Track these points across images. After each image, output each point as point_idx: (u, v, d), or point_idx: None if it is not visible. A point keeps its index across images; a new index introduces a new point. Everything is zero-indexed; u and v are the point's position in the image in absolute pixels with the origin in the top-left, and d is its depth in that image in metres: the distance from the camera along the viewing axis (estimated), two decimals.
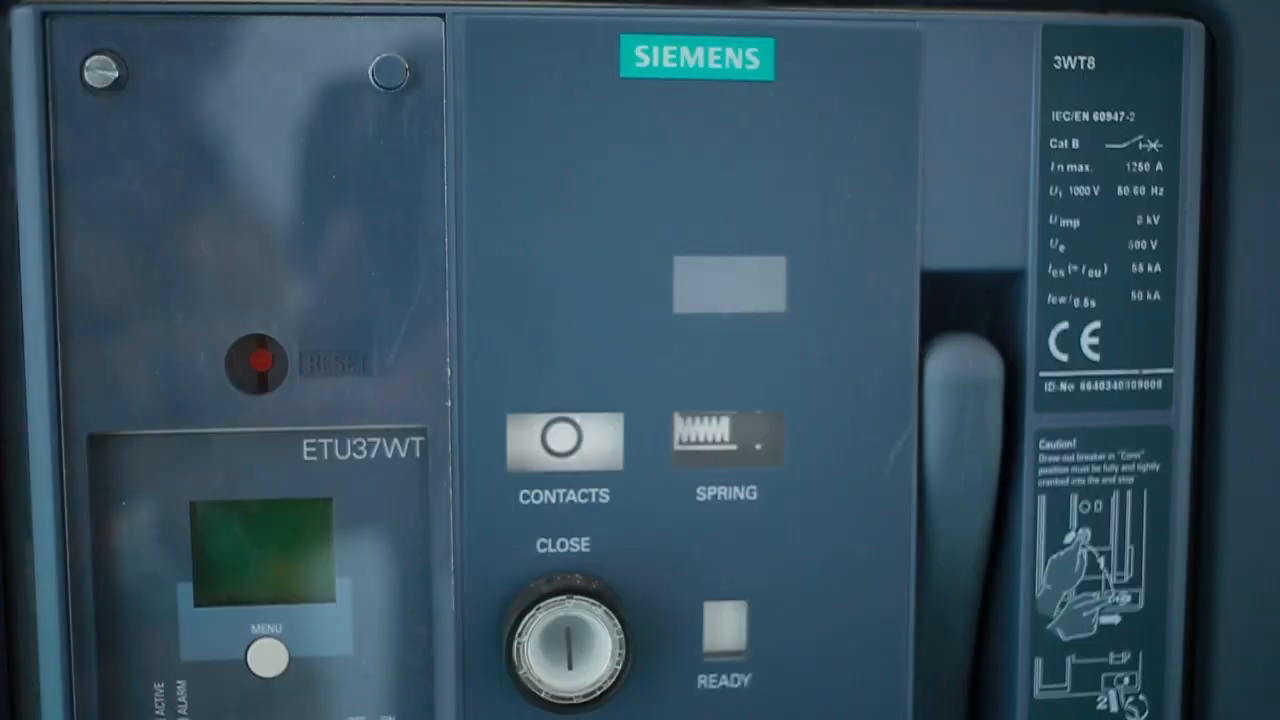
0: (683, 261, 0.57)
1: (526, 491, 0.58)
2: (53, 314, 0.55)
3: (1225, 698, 0.62)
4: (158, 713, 0.59)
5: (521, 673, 0.56)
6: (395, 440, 0.58)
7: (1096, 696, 0.62)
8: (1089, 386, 0.60)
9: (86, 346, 0.56)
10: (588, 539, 0.58)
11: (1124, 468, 0.61)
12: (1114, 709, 0.62)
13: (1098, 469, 0.60)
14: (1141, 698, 0.62)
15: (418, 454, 0.58)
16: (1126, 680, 0.62)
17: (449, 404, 0.57)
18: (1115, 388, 0.60)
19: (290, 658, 0.59)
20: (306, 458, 0.58)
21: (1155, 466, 0.61)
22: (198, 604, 0.59)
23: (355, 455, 0.58)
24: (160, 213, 0.55)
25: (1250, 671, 0.62)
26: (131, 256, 0.55)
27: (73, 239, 0.55)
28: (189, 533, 0.58)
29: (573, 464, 0.58)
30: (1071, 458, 0.60)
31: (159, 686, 0.59)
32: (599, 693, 0.57)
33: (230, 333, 0.56)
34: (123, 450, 0.57)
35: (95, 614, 0.58)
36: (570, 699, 0.57)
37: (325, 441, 0.58)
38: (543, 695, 0.56)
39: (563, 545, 0.58)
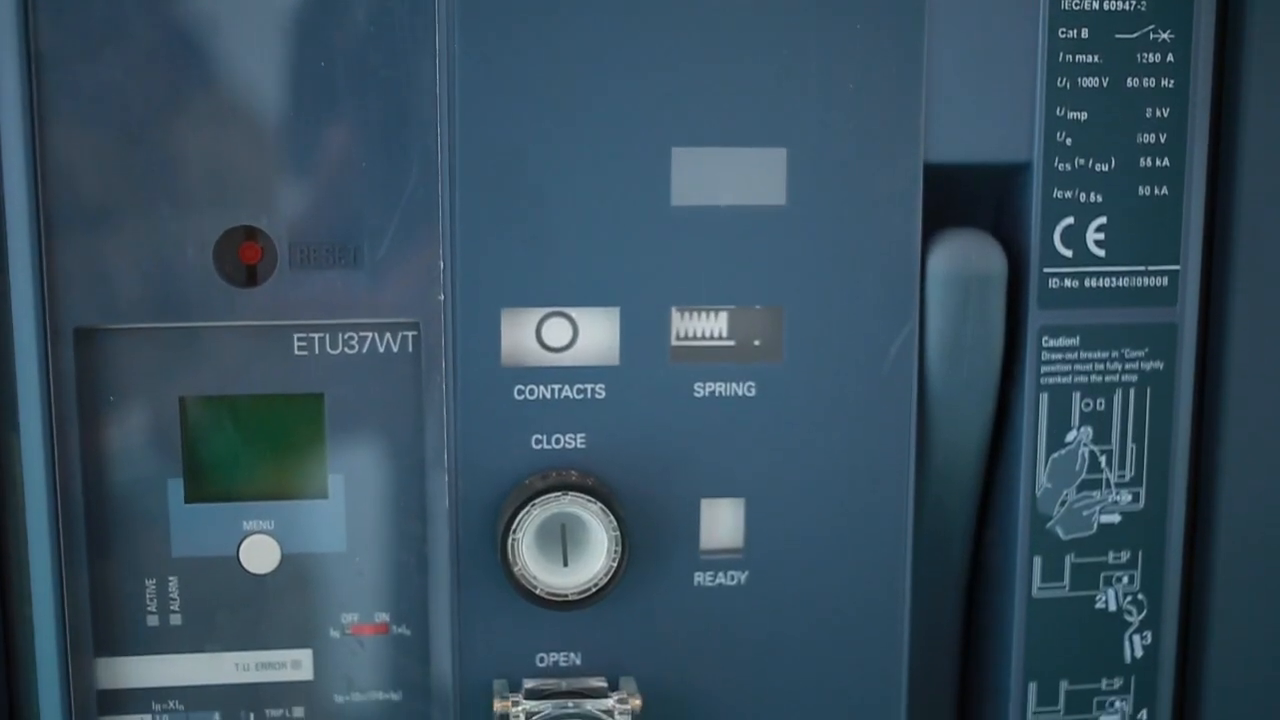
0: (681, 153, 0.56)
1: (521, 387, 0.57)
2: (36, 206, 0.54)
3: (1224, 597, 0.62)
4: (149, 609, 0.59)
5: (516, 569, 0.56)
6: (387, 335, 0.57)
7: (1095, 596, 0.61)
8: (1093, 283, 0.59)
9: (71, 239, 0.54)
10: (583, 435, 0.57)
11: (1127, 366, 0.60)
12: (1112, 608, 0.61)
13: (1101, 367, 0.60)
14: (1140, 597, 0.61)
15: (410, 349, 0.57)
16: (1125, 579, 0.61)
17: (442, 298, 0.56)
18: (1120, 284, 0.59)
19: (282, 554, 0.59)
20: (297, 352, 0.57)
21: (1159, 365, 0.60)
22: (188, 500, 0.58)
23: (347, 350, 0.57)
24: (145, 101, 0.54)
25: (1249, 572, 0.62)
26: (116, 146, 0.54)
27: (55, 128, 0.54)
28: (178, 429, 0.57)
29: (568, 359, 0.57)
30: (1074, 355, 0.59)
31: (150, 583, 0.59)
32: (594, 590, 0.56)
33: (218, 225, 0.55)
34: (110, 344, 0.56)
35: (85, 510, 0.57)
36: (565, 596, 0.56)
37: (316, 336, 0.57)
38: (538, 592, 0.56)
39: (558, 441, 0.57)
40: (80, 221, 0.54)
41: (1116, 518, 0.61)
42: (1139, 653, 0.62)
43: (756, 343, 0.58)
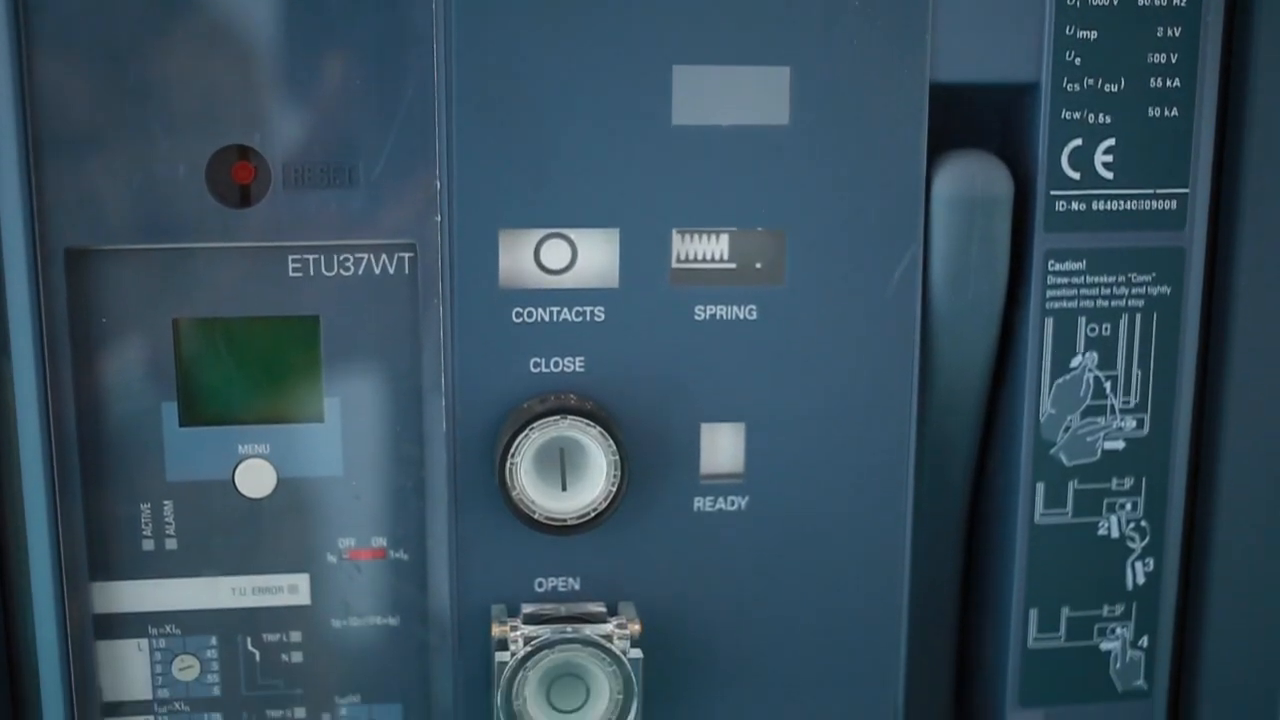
0: (682, 71, 0.55)
1: (519, 309, 0.56)
2: (24, 125, 0.53)
3: (1227, 524, 0.61)
4: (145, 533, 0.58)
5: (514, 494, 0.55)
6: (383, 256, 0.57)
7: (1098, 522, 0.61)
8: (1101, 206, 0.58)
9: (60, 159, 0.53)
10: (582, 358, 0.56)
11: (1134, 290, 0.59)
12: (1114, 535, 0.61)
13: (1107, 291, 0.59)
14: (1143, 524, 0.61)
15: (407, 271, 0.57)
16: (1128, 506, 0.61)
17: (439, 219, 0.55)
18: (1128, 208, 0.58)
19: (279, 478, 0.58)
20: (292, 274, 0.56)
21: (1166, 290, 0.59)
22: (183, 424, 0.57)
23: (342, 272, 0.57)
24: (133, 20, 0.52)
25: (1253, 498, 0.61)
26: (105, 65, 0.53)
27: (42, 48, 0.52)
28: (172, 351, 0.57)
29: (567, 281, 0.56)
30: (1080, 279, 0.58)
31: (145, 507, 0.58)
32: (593, 514, 0.56)
33: (210, 144, 0.54)
34: (102, 266, 0.55)
35: (78, 433, 0.56)
36: (564, 521, 0.56)
37: (311, 257, 0.56)
38: (536, 517, 0.55)
39: (557, 365, 0.56)
40: (69, 141, 0.53)
41: (1120, 444, 0.60)
42: (1141, 580, 0.62)
43: (758, 265, 0.57)
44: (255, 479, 0.58)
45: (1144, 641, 0.62)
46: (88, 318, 0.56)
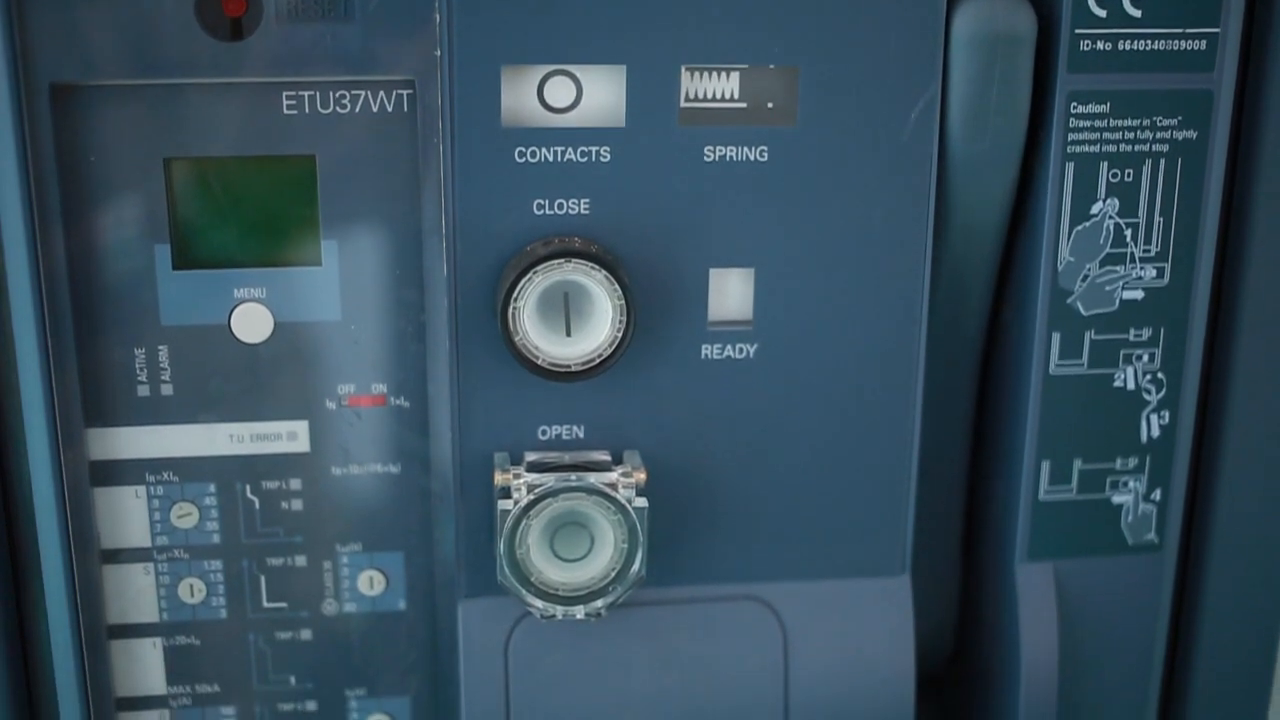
0: None
1: (522, 149, 0.54)
2: None
3: (1245, 376, 0.60)
4: (140, 379, 0.57)
5: (517, 339, 0.54)
6: (381, 94, 0.54)
7: (1114, 374, 0.59)
8: (1127, 46, 0.56)
9: None
10: (587, 200, 0.54)
11: (1159, 134, 0.57)
12: (1130, 386, 0.60)
13: (1131, 135, 0.57)
14: (1160, 376, 0.60)
15: (406, 108, 0.55)
16: (1145, 358, 0.59)
17: (438, 54, 0.53)
18: (1155, 48, 0.56)
19: (275, 323, 0.57)
20: (286, 111, 0.54)
21: (1192, 134, 0.57)
22: (176, 266, 0.56)
23: (339, 109, 0.55)
24: None
25: (1272, 349, 0.60)
26: None
27: None
28: (164, 192, 0.55)
29: (571, 120, 0.54)
30: (1104, 122, 0.56)
31: (139, 352, 0.57)
32: (598, 361, 0.54)
33: None
34: (89, 102, 0.53)
35: (69, 276, 0.55)
36: (568, 367, 0.54)
37: (306, 94, 0.54)
38: (539, 362, 0.54)
39: (561, 207, 0.54)
40: None
41: (1139, 294, 0.59)
42: (1155, 432, 0.61)
43: (770, 105, 0.55)
44: (251, 324, 0.57)
45: (1156, 495, 0.61)
46: (76, 157, 0.54)
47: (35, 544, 0.56)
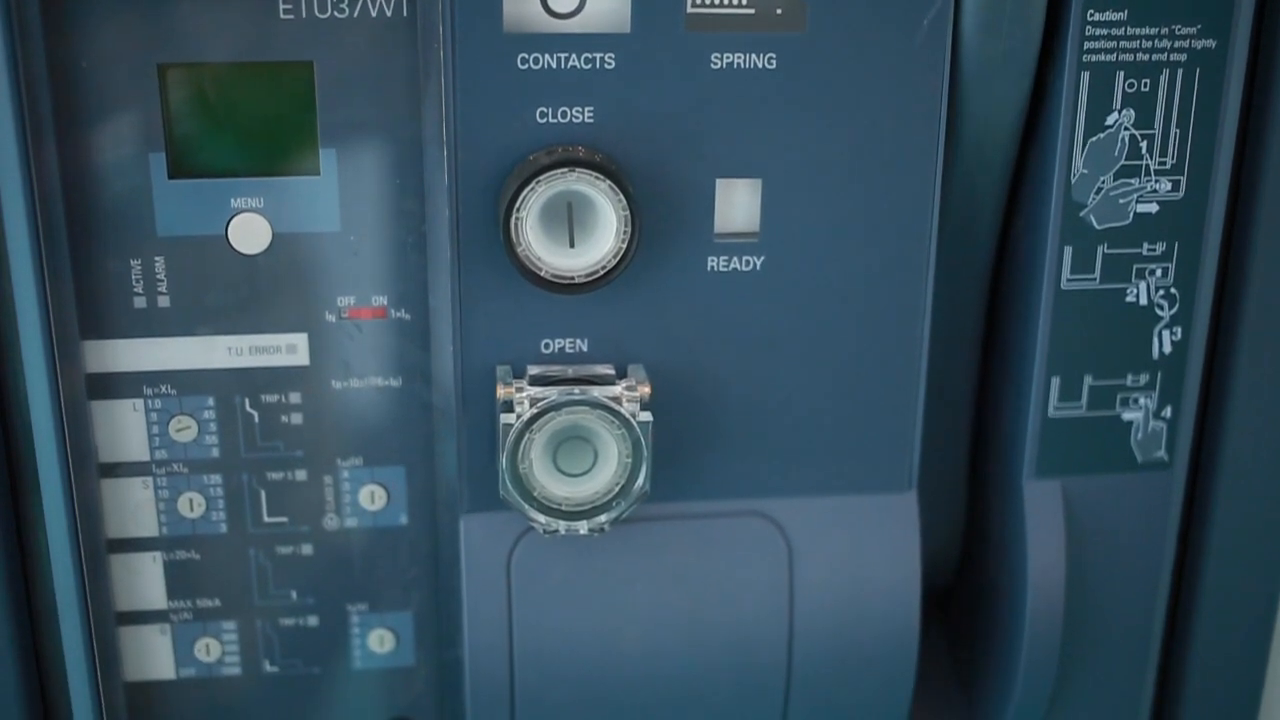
0: None
1: (525, 55, 0.52)
2: None
3: (1259, 292, 0.59)
4: (136, 291, 0.56)
5: (520, 250, 0.53)
6: None
7: (1126, 289, 0.58)
8: None
9: None
10: (591, 108, 0.53)
11: (1177, 44, 0.55)
12: (1143, 301, 0.59)
13: (1148, 44, 0.55)
14: (1173, 291, 0.59)
15: (405, 13, 0.53)
16: (1159, 272, 0.58)
17: None
18: None
19: (274, 233, 0.56)
20: (283, 16, 0.53)
21: (1211, 43, 0.56)
22: (172, 176, 0.55)
23: (336, 14, 0.53)
24: None
25: None
26: None
27: None
28: (158, 99, 0.54)
29: (575, 25, 0.52)
30: (1121, 30, 0.55)
31: (135, 263, 0.56)
32: (602, 272, 0.53)
33: None
34: (80, 8, 0.52)
35: (62, 185, 0.54)
36: (571, 278, 0.53)
37: None
38: (542, 274, 0.53)
39: (564, 115, 0.53)
40: None
41: (1154, 207, 0.57)
42: (1167, 348, 0.60)
43: (779, 10, 0.53)
44: (249, 234, 0.56)
45: (1167, 412, 0.60)
46: (67, 63, 0.53)
47: (33, 457, 0.56)
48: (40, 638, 0.59)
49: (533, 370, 0.56)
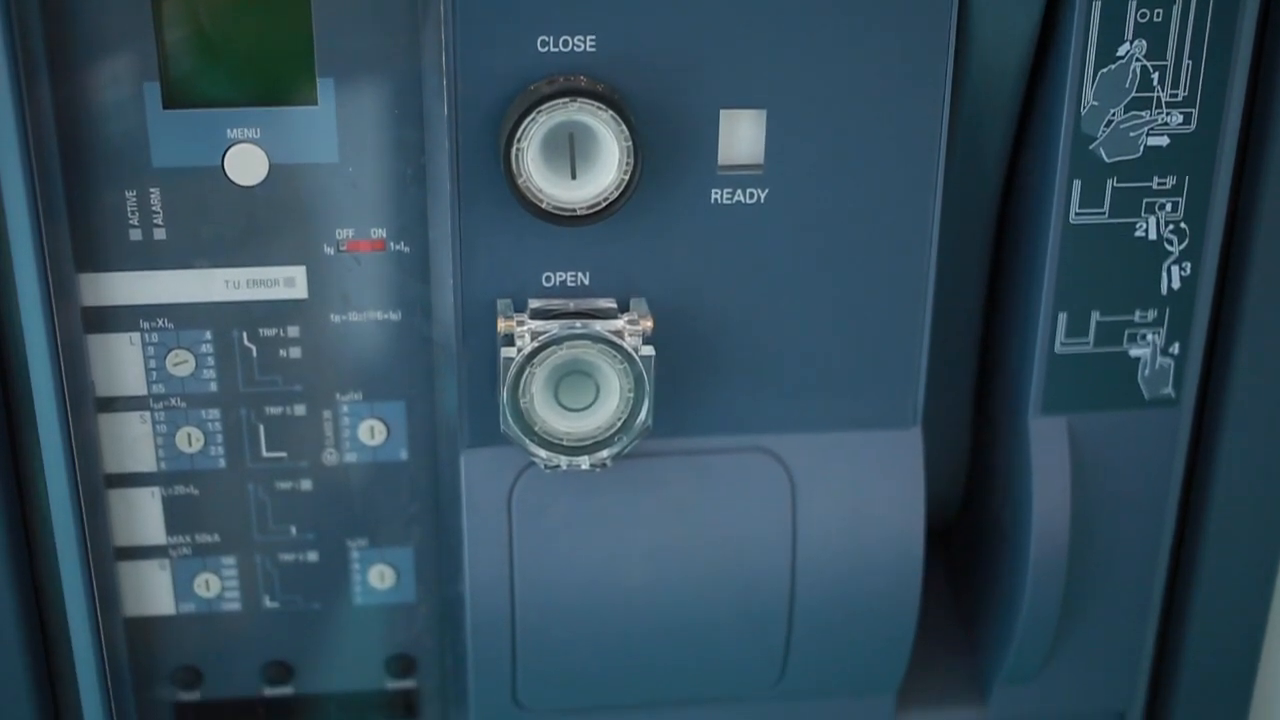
0: None
1: None
2: None
3: (1269, 227, 0.58)
4: (132, 223, 0.55)
5: (521, 181, 0.52)
6: None
7: (1135, 223, 0.58)
8: None
9: None
10: (593, 37, 0.52)
11: None
12: (1152, 236, 0.58)
13: None
14: (1182, 226, 0.58)
15: None
16: (1169, 207, 0.58)
17: None
18: None
19: (271, 164, 0.55)
20: None
21: None
22: (166, 106, 0.54)
23: None
24: None
25: None
26: None
27: None
28: (153, 26, 0.53)
29: None
30: None
31: (130, 195, 0.55)
32: (604, 204, 0.53)
33: None
34: None
35: (55, 114, 0.53)
36: (573, 210, 0.53)
37: None
38: (544, 206, 0.52)
39: (566, 44, 0.52)
40: None
41: (1165, 140, 0.57)
42: (1176, 284, 0.59)
43: None
44: (245, 165, 0.55)
45: (1175, 348, 0.60)
46: None
47: (30, 392, 0.55)
48: (39, 573, 0.59)
49: (534, 304, 0.55)
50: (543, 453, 0.55)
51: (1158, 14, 0.55)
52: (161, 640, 0.63)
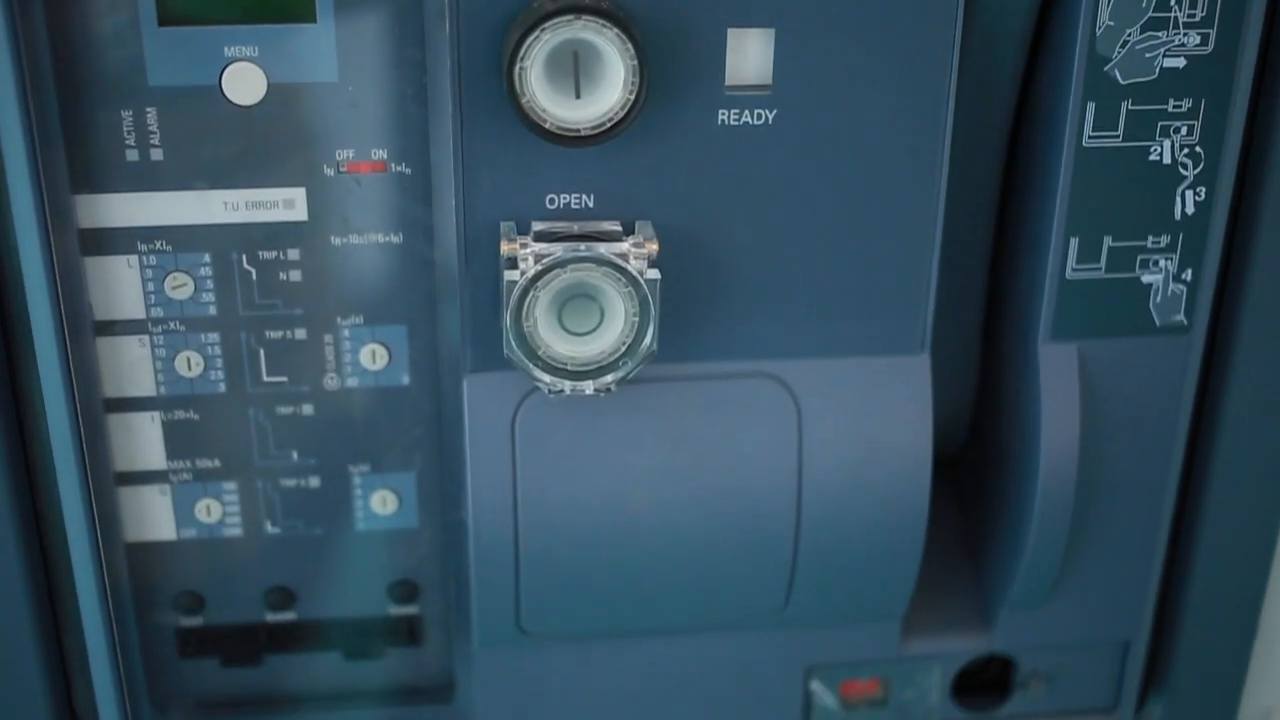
0: None
1: None
2: None
3: None
4: (128, 143, 0.54)
5: (524, 101, 0.51)
6: None
7: (1150, 146, 0.56)
8: None
9: None
10: None
11: None
12: (1166, 160, 0.57)
13: None
14: (1198, 150, 0.57)
15: None
16: (1184, 130, 0.56)
17: None
18: None
19: (269, 84, 0.54)
20: None
21: None
22: (162, 23, 0.53)
23: None
24: None
25: None
26: None
27: None
28: None
29: None
30: None
31: (126, 114, 0.54)
32: (609, 124, 0.51)
33: None
34: None
35: (47, 30, 0.52)
36: (577, 130, 0.52)
37: None
38: (547, 126, 0.51)
39: None
40: None
41: (1181, 61, 0.55)
42: (1190, 209, 0.58)
43: None
44: (243, 84, 0.54)
45: (1187, 275, 0.59)
46: None
47: (26, 316, 0.54)
48: (39, 500, 0.59)
49: (537, 226, 0.54)
50: (546, 377, 0.54)
51: None
52: (163, 566, 0.62)
